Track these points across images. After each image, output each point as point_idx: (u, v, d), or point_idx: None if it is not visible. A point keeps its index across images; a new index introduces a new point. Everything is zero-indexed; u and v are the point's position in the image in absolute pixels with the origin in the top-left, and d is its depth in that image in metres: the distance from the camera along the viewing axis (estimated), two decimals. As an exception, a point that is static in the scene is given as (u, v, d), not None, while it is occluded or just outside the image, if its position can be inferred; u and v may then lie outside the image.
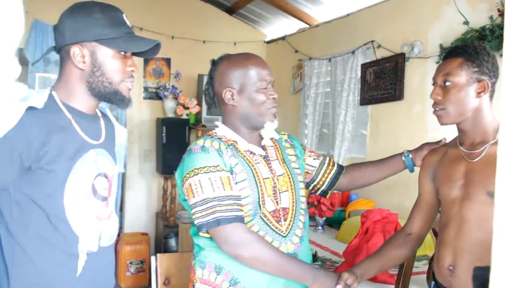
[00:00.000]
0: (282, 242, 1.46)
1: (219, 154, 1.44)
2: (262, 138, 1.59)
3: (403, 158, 1.66)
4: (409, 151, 1.66)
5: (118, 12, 1.28)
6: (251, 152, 1.52)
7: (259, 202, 1.45)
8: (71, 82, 1.26)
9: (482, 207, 1.33)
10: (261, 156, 1.53)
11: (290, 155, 1.63)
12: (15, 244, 1.17)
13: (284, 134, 1.70)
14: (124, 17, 1.29)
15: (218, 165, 1.42)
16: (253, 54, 1.57)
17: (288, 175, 1.55)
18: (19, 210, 1.17)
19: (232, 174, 1.44)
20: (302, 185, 1.59)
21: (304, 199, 1.58)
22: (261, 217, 1.44)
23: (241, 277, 1.44)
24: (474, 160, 1.39)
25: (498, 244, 0.53)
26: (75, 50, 1.22)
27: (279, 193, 1.50)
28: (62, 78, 1.28)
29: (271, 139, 1.62)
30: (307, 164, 1.70)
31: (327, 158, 1.76)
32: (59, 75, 1.29)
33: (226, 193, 1.39)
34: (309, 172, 1.71)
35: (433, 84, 1.47)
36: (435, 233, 1.84)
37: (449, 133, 1.62)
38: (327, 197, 1.83)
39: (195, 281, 1.50)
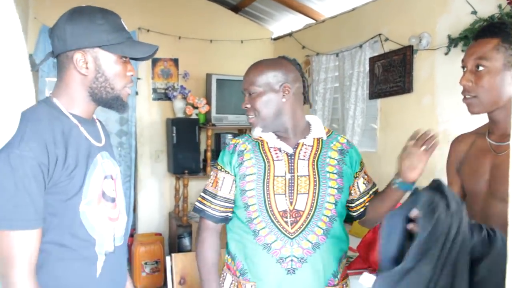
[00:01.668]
0: (287, 243, 1.42)
1: (233, 150, 1.55)
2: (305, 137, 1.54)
3: (394, 186, 1.44)
4: (396, 174, 1.44)
5: (117, 17, 1.27)
6: (277, 149, 1.51)
7: (264, 198, 1.45)
8: (72, 88, 1.24)
9: (506, 206, 1.18)
10: (286, 153, 1.50)
11: (331, 157, 1.52)
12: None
13: (342, 137, 1.60)
14: (123, 22, 1.28)
15: (220, 165, 1.58)
16: (254, 63, 1.56)
17: (313, 177, 1.46)
18: None
19: (236, 171, 1.52)
20: (331, 191, 1.47)
21: (331, 206, 1.46)
22: (268, 214, 1.44)
23: (250, 270, 1.47)
24: (501, 154, 1.24)
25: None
26: (77, 56, 1.20)
27: (297, 194, 1.44)
28: (62, 84, 1.25)
29: (318, 139, 1.55)
30: (356, 183, 1.57)
31: (375, 188, 1.61)
32: (58, 81, 1.26)
33: (212, 190, 1.57)
34: (352, 193, 1.58)
35: (462, 67, 1.29)
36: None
37: (460, 124, 1.60)
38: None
39: (223, 265, 1.61)
